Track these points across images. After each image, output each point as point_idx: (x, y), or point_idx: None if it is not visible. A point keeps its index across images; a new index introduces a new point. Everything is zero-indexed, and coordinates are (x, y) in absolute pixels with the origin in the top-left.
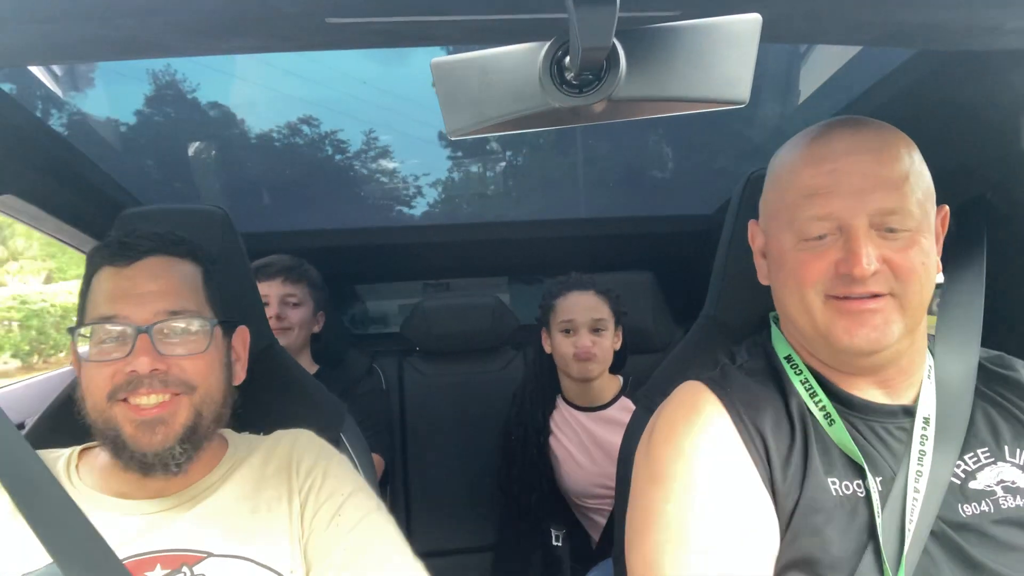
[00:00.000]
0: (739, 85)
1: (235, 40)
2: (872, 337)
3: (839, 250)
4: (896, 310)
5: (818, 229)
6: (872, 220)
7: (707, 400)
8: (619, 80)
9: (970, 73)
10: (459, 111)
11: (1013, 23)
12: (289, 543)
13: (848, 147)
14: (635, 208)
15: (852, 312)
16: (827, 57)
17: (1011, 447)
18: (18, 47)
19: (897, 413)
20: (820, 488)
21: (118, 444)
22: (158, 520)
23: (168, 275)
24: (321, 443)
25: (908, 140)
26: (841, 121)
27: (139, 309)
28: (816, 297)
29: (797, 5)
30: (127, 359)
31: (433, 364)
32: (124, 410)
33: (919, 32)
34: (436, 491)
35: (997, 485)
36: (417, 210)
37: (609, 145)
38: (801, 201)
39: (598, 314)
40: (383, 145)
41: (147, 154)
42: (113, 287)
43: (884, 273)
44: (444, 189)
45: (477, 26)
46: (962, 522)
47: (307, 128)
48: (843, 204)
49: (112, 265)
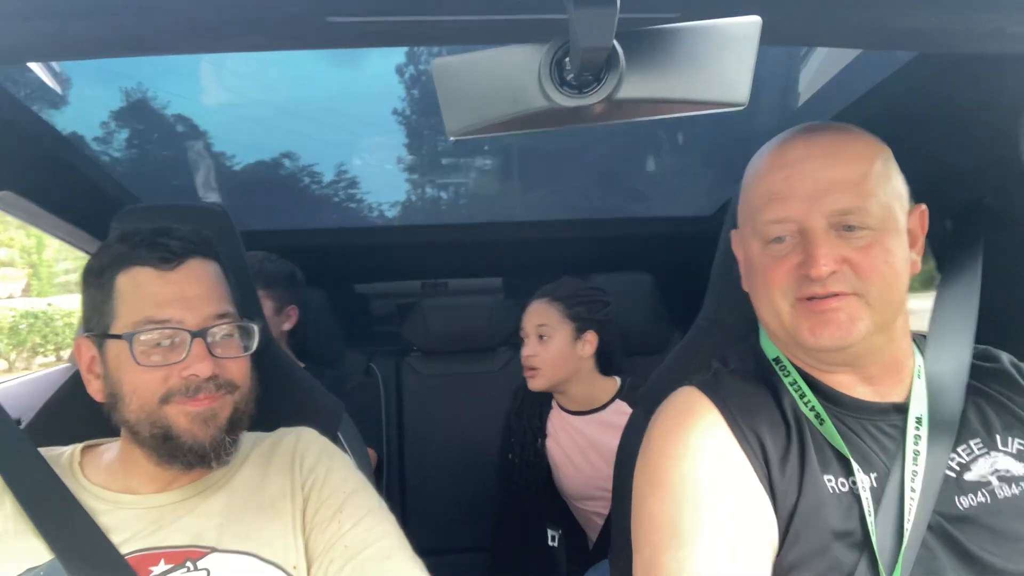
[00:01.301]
0: (738, 87)
1: (236, 39)
2: (837, 335)
3: (799, 253)
4: (861, 307)
5: (777, 231)
6: (830, 221)
7: (702, 404)
8: (619, 81)
9: (970, 77)
10: (459, 111)
11: (1014, 27)
12: (292, 539)
13: (802, 153)
14: (634, 210)
15: (815, 312)
16: (827, 60)
17: (1003, 436)
18: (17, 44)
19: (888, 411)
20: (818, 485)
21: (169, 438)
22: (162, 516)
23: (209, 279)
24: (324, 441)
25: (871, 142)
26: (801, 128)
27: (191, 313)
28: (783, 300)
29: (797, 8)
30: (184, 363)
31: (431, 364)
32: (177, 407)
33: (919, 35)
34: (434, 490)
35: (992, 475)
36: (415, 209)
37: (608, 146)
38: (762, 207)
39: (541, 319)
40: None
41: (145, 151)
42: (160, 291)
43: (845, 273)
44: (444, 189)
45: (477, 26)
46: (960, 515)
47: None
48: (799, 207)
49: (152, 267)
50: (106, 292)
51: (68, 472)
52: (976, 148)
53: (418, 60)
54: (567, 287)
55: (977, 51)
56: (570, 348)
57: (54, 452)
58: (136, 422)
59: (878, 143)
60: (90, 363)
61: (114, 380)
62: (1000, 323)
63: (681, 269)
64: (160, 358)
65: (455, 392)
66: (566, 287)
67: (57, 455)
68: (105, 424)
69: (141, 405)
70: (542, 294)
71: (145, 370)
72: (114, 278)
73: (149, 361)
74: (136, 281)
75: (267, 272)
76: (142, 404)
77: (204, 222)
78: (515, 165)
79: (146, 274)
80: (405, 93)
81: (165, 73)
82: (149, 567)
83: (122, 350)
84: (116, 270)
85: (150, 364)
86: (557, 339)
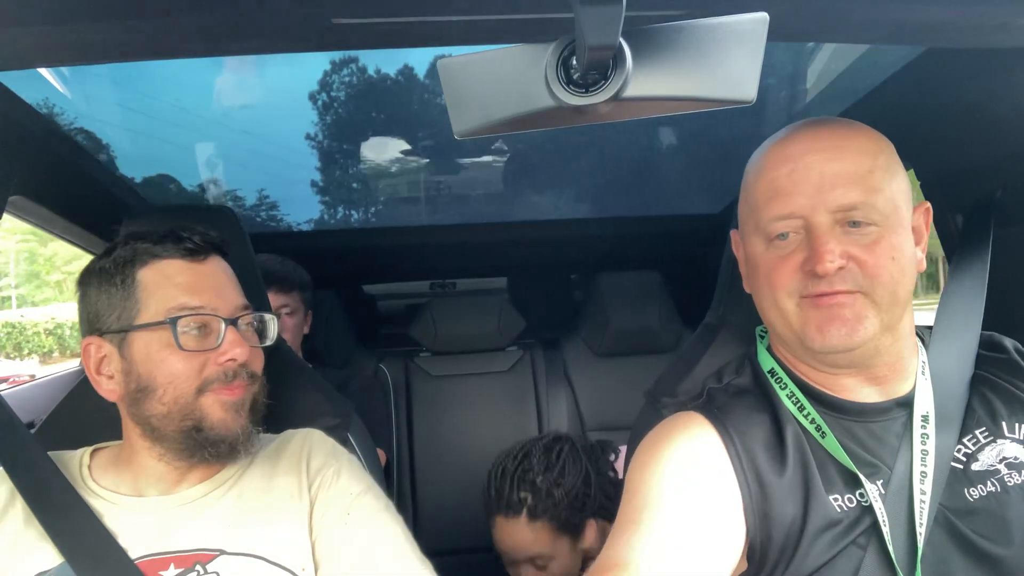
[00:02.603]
0: (746, 84)
1: (241, 41)
2: (843, 333)
3: (804, 250)
4: (868, 307)
5: (781, 228)
6: (836, 216)
7: (697, 423)
8: (625, 79)
9: (979, 71)
10: (466, 111)
11: (1021, 20)
12: (300, 540)
13: (806, 147)
14: (642, 208)
15: (822, 308)
16: (835, 55)
17: (1008, 423)
18: (27, 49)
19: (891, 408)
20: (825, 506)
21: (201, 429)
22: (171, 519)
23: (230, 273)
24: (332, 443)
25: (875, 137)
26: (803, 123)
27: (224, 302)
28: (789, 300)
29: (805, 4)
30: (221, 350)
31: (440, 364)
32: (213, 396)
33: (927, 30)
34: (443, 491)
35: (1000, 463)
36: (423, 210)
37: (616, 145)
38: (765, 203)
39: (533, 549)
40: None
41: (154, 155)
42: (193, 280)
43: (851, 270)
44: (451, 189)
45: (483, 26)
46: (971, 507)
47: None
48: (804, 202)
49: (181, 259)
50: (127, 288)
51: (77, 476)
52: (986, 143)
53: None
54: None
55: (986, 45)
56: (575, 554)
57: (64, 456)
58: (166, 415)
59: (882, 138)
60: (99, 364)
61: (143, 373)
62: (1011, 320)
63: (690, 267)
64: (196, 344)
65: (464, 392)
66: (536, 491)
67: (67, 459)
68: (115, 427)
69: (176, 397)
70: (507, 510)
71: (183, 358)
72: (135, 273)
73: (188, 347)
74: (165, 273)
75: (302, 281)
76: (177, 395)
77: (214, 224)
78: (523, 164)
79: (176, 265)
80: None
81: (174, 76)
82: (159, 572)
83: (153, 340)
84: (136, 266)
85: (192, 350)
86: (559, 559)
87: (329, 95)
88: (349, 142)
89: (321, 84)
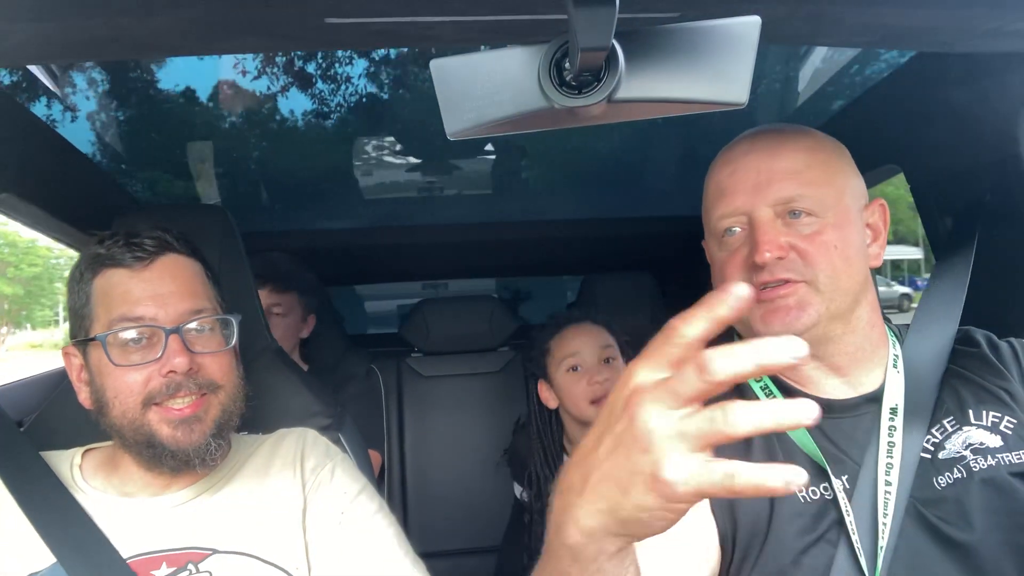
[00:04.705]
0: (738, 86)
1: (235, 40)
2: (786, 321)
3: (748, 244)
4: (812, 294)
5: (726, 224)
6: (776, 209)
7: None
8: (618, 81)
9: (969, 75)
10: (458, 112)
11: (1013, 25)
12: (293, 540)
13: (746, 149)
14: (634, 209)
15: (765, 301)
16: (826, 59)
17: (975, 411)
18: (17, 46)
19: (860, 404)
20: (790, 497)
21: (153, 445)
22: (163, 518)
23: (183, 274)
24: (327, 443)
25: (820, 138)
26: (748, 131)
27: (165, 310)
28: None
29: (796, 7)
30: (161, 361)
31: (432, 365)
32: (159, 413)
33: (918, 34)
34: (436, 492)
35: (966, 449)
36: (417, 210)
37: (608, 146)
38: (713, 204)
39: (606, 341)
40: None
41: (145, 154)
42: (132, 289)
43: (792, 260)
44: (443, 189)
45: (477, 27)
46: (939, 496)
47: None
48: (745, 199)
49: (124, 267)
50: (85, 297)
51: (69, 476)
52: (976, 147)
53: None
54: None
55: (976, 50)
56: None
57: (55, 455)
58: (120, 428)
59: (826, 139)
60: (79, 371)
61: (97, 385)
62: (1001, 322)
63: (683, 268)
64: (138, 357)
65: (456, 393)
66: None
67: (58, 459)
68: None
69: (124, 411)
70: (577, 319)
71: (125, 372)
72: (91, 282)
73: (128, 361)
74: (111, 282)
75: (303, 283)
76: (124, 410)
77: (205, 222)
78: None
79: (120, 275)
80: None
81: (166, 75)
82: (151, 571)
83: (102, 352)
84: (92, 274)
85: (128, 364)
86: (620, 360)
87: (322, 94)
88: (343, 142)
89: (314, 83)
